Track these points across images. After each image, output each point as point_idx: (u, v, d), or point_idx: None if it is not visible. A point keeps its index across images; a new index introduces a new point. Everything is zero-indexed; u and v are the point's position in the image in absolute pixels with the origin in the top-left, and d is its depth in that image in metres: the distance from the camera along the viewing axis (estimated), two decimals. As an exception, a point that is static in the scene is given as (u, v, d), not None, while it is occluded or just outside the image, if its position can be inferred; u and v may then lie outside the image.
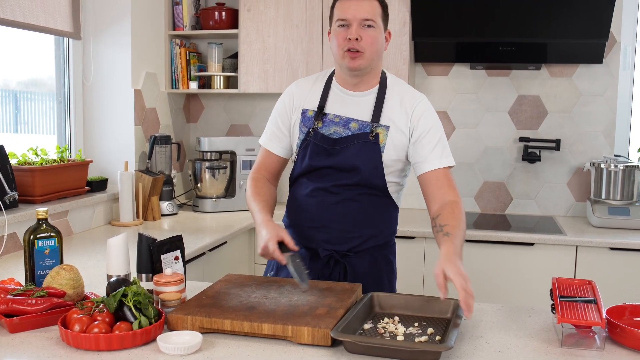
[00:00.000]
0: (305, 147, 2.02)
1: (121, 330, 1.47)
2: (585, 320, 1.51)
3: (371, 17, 1.92)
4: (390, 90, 2.03)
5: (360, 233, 2.02)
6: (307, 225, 2.04)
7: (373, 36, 1.94)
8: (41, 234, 1.85)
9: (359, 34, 1.92)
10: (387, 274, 2.11)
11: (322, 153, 1.99)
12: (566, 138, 3.58)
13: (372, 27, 1.93)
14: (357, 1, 1.93)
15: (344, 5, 1.94)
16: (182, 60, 3.73)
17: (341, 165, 1.97)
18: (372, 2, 1.94)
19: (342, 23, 1.94)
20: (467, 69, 3.67)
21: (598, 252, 3.02)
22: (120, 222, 3.13)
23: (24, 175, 2.70)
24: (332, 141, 1.99)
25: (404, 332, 1.60)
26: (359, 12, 1.91)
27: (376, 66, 2.02)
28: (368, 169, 1.97)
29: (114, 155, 3.36)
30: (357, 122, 1.99)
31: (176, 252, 1.83)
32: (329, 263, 2.03)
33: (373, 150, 1.96)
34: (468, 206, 3.73)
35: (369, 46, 1.93)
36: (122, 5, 3.29)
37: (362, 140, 1.96)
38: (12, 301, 1.62)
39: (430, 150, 1.97)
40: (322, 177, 2.00)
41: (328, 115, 2.02)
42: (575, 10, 3.16)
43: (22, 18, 2.78)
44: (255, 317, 1.56)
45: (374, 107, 2.00)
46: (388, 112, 1.99)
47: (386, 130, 1.98)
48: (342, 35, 1.94)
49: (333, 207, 1.99)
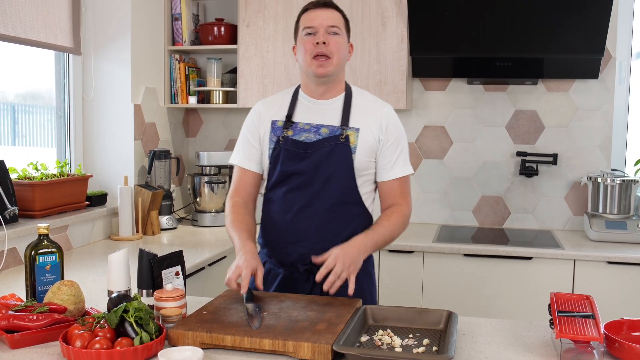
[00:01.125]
0: (277, 154, 2.06)
1: (122, 346, 1.48)
2: (583, 335, 1.52)
3: (336, 25, 2.02)
4: (356, 97, 2.11)
5: (335, 244, 1.99)
6: (283, 241, 2.06)
7: (339, 42, 2.02)
8: (42, 250, 1.86)
9: (326, 38, 2.00)
10: (367, 285, 2.14)
11: (294, 158, 2.03)
12: (563, 152, 3.60)
13: (338, 35, 2.02)
14: (322, 10, 2.03)
15: (310, 15, 2.03)
16: (182, 75, 3.76)
17: (313, 169, 2.01)
18: (335, 12, 2.05)
19: (309, 31, 2.02)
20: (465, 84, 3.69)
21: (596, 266, 3.03)
22: (120, 237, 3.14)
23: (24, 190, 2.71)
24: (303, 145, 2.03)
25: (401, 343, 1.62)
26: (325, 20, 2.01)
27: (341, 74, 2.10)
28: (341, 170, 2.01)
29: (113, 169, 3.38)
30: (327, 128, 2.05)
31: (177, 268, 1.84)
32: (309, 279, 2.04)
33: (344, 151, 2.01)
34: (466, 220, 3.75)
35: (335, 51, 2.01)
36: (122, 20, 3.32)
37: (333, 143, 2.02)
38: (13, 317, 1.63)
39: (394, 159, 2.07)
40: (293, 191, 2.03)
41: (298, 124, 2.07)
42: (571, 25, 3.20)
43: (23, 34, 2.81)
44: (256, 332, 1.57)
45: (342, 112, 2.06)
46: (357, 116, 2.06)
47: (356, 132, 2.04)
48: (309, 41, 2.01)
49: (306, 220, 2.02)
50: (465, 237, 3.40)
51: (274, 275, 2.11)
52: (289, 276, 2.08)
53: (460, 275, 3.18)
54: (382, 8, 3.41)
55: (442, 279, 3.20)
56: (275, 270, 2.11)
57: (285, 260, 2.07)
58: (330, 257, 1.85)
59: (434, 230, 3.55)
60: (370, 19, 3.42)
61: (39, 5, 2.92)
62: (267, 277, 2.11)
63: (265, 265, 2.13)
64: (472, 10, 3.34)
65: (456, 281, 3.18)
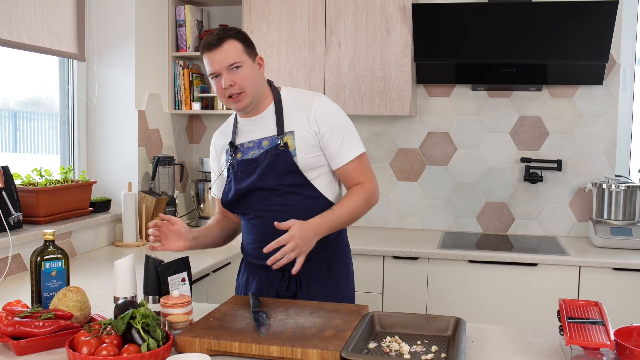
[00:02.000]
0: (230, 180, 2.14)
1: (129, 352, 1.47)
2: (593, 342, 1.51)
3: (234, 61, 2.00)
4: (286, 100, 2.13)
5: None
6: (256, 246, 2.12)
7: (244, 75, 2.01)
8: (48, 256, 1.85)
9: (231, 79, 2.00)
10: (342, 277, 2.18)
11: (243, 176, 2.10)
12: (567, 158, 3.59)
13: (240, 67, 2.01)
14: (215, 52, 2.00)
15: (209, 57, 2.02)
16: (185, 81, 3.76)
17: (262, 182, 2.06)
18: (230, 43, 2.00)
19: (213, 76, 2.03)
20: (469, 90, 3.69)
21: (601, 272, 3.02)
22: (124, 243, 3.13)
23: (28, 196, 2.71)
24: (248, 162, 2.09)
25: (409, 350, 1.61)
26: (223, 61, 1.99)
27: (261, 93, 2.10)
28: (287, 177, 2.05)
29: (117, 175, 3.37)
30: (267, 139, 2.09)
31: (183, 274, 1.83)
32: (284, 276, 2.10)
33: (285, 157, 2.04)
34: (470, 227, 3.74)
35: (244, 84, 2.02)
36: (126, 27, 3.32)
37: (274, 153, 2.05)
38: (19, 323, 1.62)
39: (338, 147, 2.08)
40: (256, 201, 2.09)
41: (244, 145, 2.13)
42: (575, 32, 3.20)
43: (28, 40, 2.81)
44: (264, 339, 1.56)
45: (275, 121, 2.09)
46: (289, 119, 2.09)
47: (292, 135, 2.06)
48: (218, 85, 2.04)
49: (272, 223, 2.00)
50: (469, 244, 3.39)
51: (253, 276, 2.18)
52: (265, 276, 2.14)
53: (465, 281, 3.17)
54: (386, 14, 3.41)
55: (446, 285, 3.19)
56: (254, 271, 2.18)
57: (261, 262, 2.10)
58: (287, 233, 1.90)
59: (438, 237, 3.54)
60: (374, 25, 3.42)
61: (44, 11, 2.92)
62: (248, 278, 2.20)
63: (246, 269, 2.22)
64: (476, 16, 3.34)
65: (461, 287, 3.17)
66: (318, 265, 2.12)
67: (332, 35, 3.48)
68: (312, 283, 2.10)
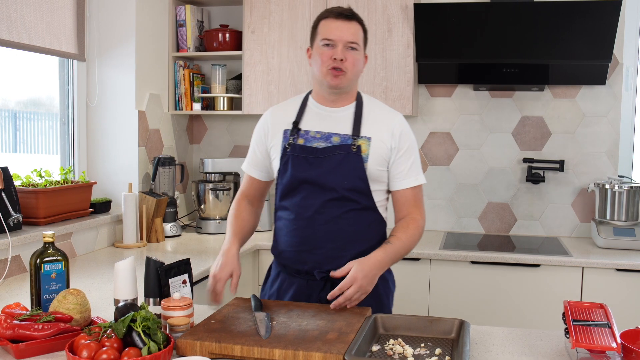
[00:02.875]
0: (286, 161, 2.04)
1: (130, 356, 1.45)
2: (600, 345, 1.49)
3: (355, 40, 1.98)
4: (367, 106, 2.09)
5: (351, 251, 2.00)
6: (298, 249, 2.04)
7: (356, 58, 2.00)
8: (47, 258, 1.83)
9: (344, 54, 1.97)
10: (384, 290, 2.11)
11: (302, 163, 2.01)
12: (570, 159, 3.58)
13: (356, 50, 1.99)
14: (344, 23, 1.98)
15: (331, 25, 1.98)
16: (186, 81, 3.74)
17: (324, 178, 1.98)
18: (356, 25, 2.00)
19: (327, 42, 1.98)
20: (471, 90, 3.67)
21: (605, 273, 3.00)
22: (124, 244, 3.11)
23: (28, 197, 2.69)
24: (311, 150, 2.01)
25: (413, 353, 1.59)
26: (345, 35, 1.96)
27: (354, 86, 2.08)
28: (353, 179, 1.98)
29: (117, 176, 3.36)
30: (338, 136, 2.02)
31: (184, 276, 1.82)
32: (325, 287, 2.02)
33: (356, 160, 1.98)
34: (472, 227, 3.72)
35: (351, 67, 1.99)
36: (126, 27, 3.30)
37: (344, 152, 1.99)
38: (18, 326, 1.60)
39: (406, 169, 2.04)
40: (306, 197, 2.01)
41: (309, 132, 2.05)
42: (578, 31, 3.18)
43: (28, 40, 2.79)
44: (266, 342, 1.55)
45: (353, 121, 2.04)
46: (368, 124, 2.04)
47: (368, 141, 2.01)
48: (327, 54, 1.98)
49: (321, 227, 1.99)
50: (471, 244, 3.37)
51: (289, 284, 2.09)
52: (304, 285, 2.05)
53: (467, 282, 3.15)
54: (388, 14, 3.39)
55: (449, 286, 3.17)
56: (290, 279, 2.09)
57: (301, 268, 2.04)
58: (348, 276, 1.84)
59: (440, 237, 3.52)
60: (376, 25, 3.40)
61: (44, 11, 2.90)
62: (280, 287, 2.10)
63: (280, 276, 2.13)
64: (478, 16, 3.32)
65: (463, 289, 3.15)
66: None
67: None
68: None
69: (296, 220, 2.03)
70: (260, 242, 3.34)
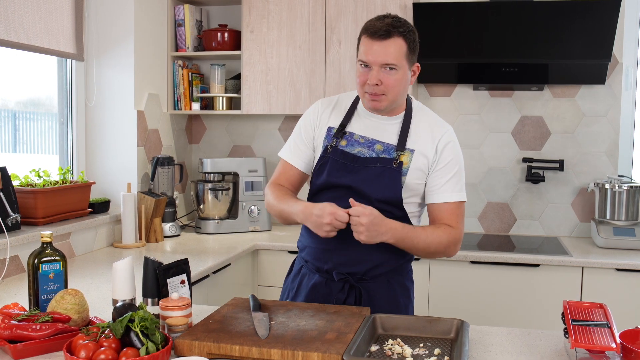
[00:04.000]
0: (324, 163, 1.99)
1: (128, 356, 1.45)
2: (599, 345, 1.48)
3: (393, 62, 1.86)
4: (417, 116, 2.01)
5: (376, 255, 1.98)
6: (323, 247, 2.00)
7: (395, 79, 1.88)
8: (45, 258, 1.82)
9: (380, 78, 1.87)
10: (403, 300, 2.06)
11: (341, 169, 1.96)
12: (569, 158, 3.57)
13: (395, 70, 1.87)
14: (381, 42, 1.86)
15: (368, 45, 1.88)
16: (185, 81, 3.74)
17: (358, 185, 1.93)
18: (397, 41, 1.86)
19: (363, 64, 1.90)
20: (470, 90, 3.67)
21: (604, 273, 3.00)
22: (123, 244, 3.11)
23: (26, 197, 2.68)
24: (351, 157, 1.96)
25: (412, 353, 1.59)
26: (381, 56, 1.85)
27: (400, 102, 1.98)
28: (388, 192, 1.93)
29: (116, 176, 3.35)
30: (382, 144, 1.97)
31: (182, 276, 1.81)
32: (344, 288, 2.00)
33: (394, 176, 1.92)
34: (472, 227, 3.71)
35: (390, 89, 1.89)
36: (125, 26, 3.30)
37: (384, 165, 1.93)
38: (16, 327, 1.59)
39: (445, 181, 1.96)
40: (338, 198, 1.93)
41: (354, 135, 1.99)
42: (577, 31, 3.18)
43: (26, 40, 2.79)
44: (264, 342, 1.54)
45: (400, 132, 1.97)
46: (414, 137, 1.97)
47: (411, 153, 1.95)
48: (362, 76, 1.90)
49: (348, 230, 1.89)
50: (471, 244, 3.36)
51: (308, 281, 2.06)
52: (323, 283, 2.02)
53: (466, 282, 3.15)
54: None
55: (448, 286, 3.17)
56: (311, 276, 2.06)
57: (322, 266, 2.02)
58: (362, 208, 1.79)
59: (439, 237, 3.51)
60: (375, 25, 3.39)
61: (42, 11, 2.90)
62: (301, 282, 2.07)
63: (302, 270, 2.10)
64: (477, 16, 3.32)
65: (463, 288, 3.15)
66: (380, 283, 2.01)
67: (332, 34, 3.45)
68: (372, 300, 1.99)
69: None
70: (260, 242, 3.33)
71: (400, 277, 2.06)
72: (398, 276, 2.06)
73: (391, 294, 2.03)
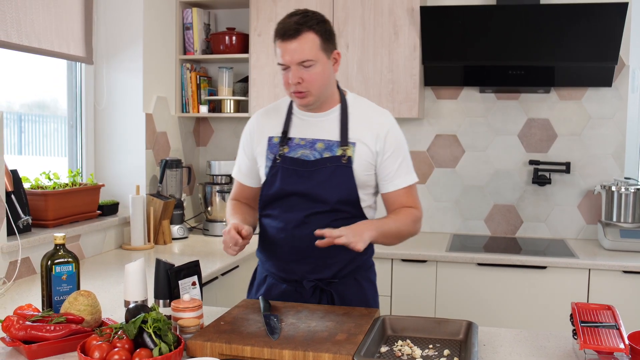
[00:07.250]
0: (275, 173, 1.99)
1: (141, 357, 1.46)
2: (608, 346, 1.50)
3: (308, 57, 1.87)
4: (353, 108, 2.02)
5: (340, 258, 1.99)
6: (286, 259, 2.02)
7: (315, 73, 1.90)
8: (58, 260, 1.85)
9: (299, 76, 1.89)
10: (370, 293, 2.11)
11: (293, 175, 1.97)
12: (576, 161, 3.58)
13: (312, 65, 1.89)
14: (292, 42, 1.87)
15: (281, 46, 1.89)
16: (193, 84, 3.76)
17: (314, 190, 1.94)
18: (308, 36, 1.87)
19: (282, 67, 1.92)
20: (477, 93, 3.68)
21: (611, 275, 3.00)
22: (132, 246, 3.13)
23: (37, 200, 2.71)
24: (302, 162, 1.96)
25: (421, 354, 1.60)
26: (295, 56, 1.87)
27: (328, 93, 1.99)
28: (344, 191, 1.94)
29: (125, 179, 3.37)
30: (322, 142, 1.97)
31: (193, 278, 1.83)
32: (315, 293, 2.02)
33: (346, 173, 1.94)
34: (478, 229, 3.72)
35: (312, 84, 1.91)
36: (134, 30, 3.32)
37: (334, 164, 1.94)
38: (30, 327, 1.62)
39: (395, 169, 1.99)
40: (292, 208, 1.97)
41: (293, 140, 2.01)
42: (584, 34, 3.18)
43: (37, 43, 2.81)
44: (276, 343, 1.56)
45: (340, 126, 1.98)
46: (353, 129, 1.98)
47: (353, 146, 1.96)
48: (284, 78, 1.92)
49: (309, 237, 1.88)
50: (477, 246, 3.37)
51: (277, 289, 2.06)
52: (292, 290, 2.03)
53: (473, 284, 3.16)
54: (394, 17, 3.40)
55: (455, 288, 3.18)
56: (278, 285, 2.07)
57: (289, 277, 2.03)
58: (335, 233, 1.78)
59: (446, 240, 3.53)
60: (382, 28, 3.42)
61: (52, 15, 2.92)
62: (269, 290, 2.07)
63: (267, 280, 2.10)
64: (484, 18, 3.33)
65: (469, 290, 3.16)
66: (349, 283, 2.03)
67: (339, 38, 3.47)
68: (344, 300, 2.01)
69: (283, 229, 1.99)
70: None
71: (365, 273, 2.10)
72: (363, 272, 2.09)
73: (361, 291, 2.06)
